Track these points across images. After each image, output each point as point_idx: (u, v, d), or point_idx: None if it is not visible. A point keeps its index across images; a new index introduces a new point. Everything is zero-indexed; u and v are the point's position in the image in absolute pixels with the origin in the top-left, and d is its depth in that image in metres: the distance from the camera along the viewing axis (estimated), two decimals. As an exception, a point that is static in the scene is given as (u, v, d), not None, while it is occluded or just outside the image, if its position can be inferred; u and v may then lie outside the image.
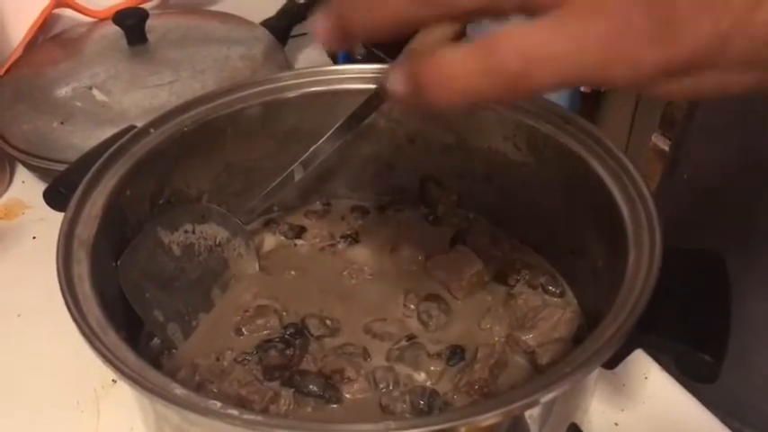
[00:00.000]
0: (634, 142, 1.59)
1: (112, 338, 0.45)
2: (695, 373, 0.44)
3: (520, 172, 0.64)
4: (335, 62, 1.17)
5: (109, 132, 0.62)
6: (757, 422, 0.72)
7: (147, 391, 0.42)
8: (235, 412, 0.40)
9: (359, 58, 1.87)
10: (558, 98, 1.43)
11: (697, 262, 0.50)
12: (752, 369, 0.71)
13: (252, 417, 0.40)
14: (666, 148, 1.23)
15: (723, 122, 0.73)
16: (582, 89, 1.40)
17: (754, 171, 0.69)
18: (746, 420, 0.70)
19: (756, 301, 0.69)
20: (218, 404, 0.40)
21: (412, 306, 0.62)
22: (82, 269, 0.50)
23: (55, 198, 0.57)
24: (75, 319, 0.45)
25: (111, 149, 0.58)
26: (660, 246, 0.48)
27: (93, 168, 0.56)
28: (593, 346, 0.43)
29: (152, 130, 0.61)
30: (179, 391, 0.41)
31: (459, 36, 0.48)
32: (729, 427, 0.59)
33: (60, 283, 0.48)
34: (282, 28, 0.97)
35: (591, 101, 1.50)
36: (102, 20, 0.95)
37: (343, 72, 0.67)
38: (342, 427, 0.40)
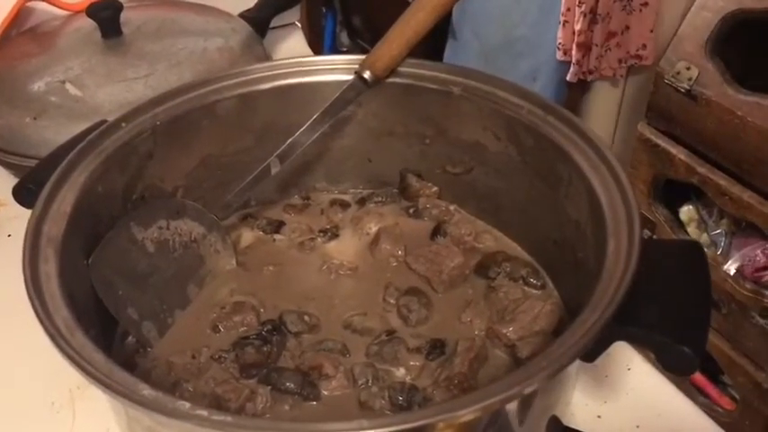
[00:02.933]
0: (621, 132, 1.58)
1: (80, 339, 0.44)
2: (675, 366, 0.43)
3: (500, 162, 0.64)
4: (320, 54, 1.16)
5: (83, 127, 0.61)
6: None
7: (115, 393, 0.40)
8: (204, 413, 0.39)
9: (344, 50, 1.86)
10: (544, 87, 1.42)
11: (676, 253, 0.49)
12: None
13: (221, 417, 0.39)
14: (653, 138, 1.23)
15: None
16: (568, 78, 1.39)
17: None
18: None
19: None
20: (187, 405, 0.39)
21: (392, 300, 0.61)
22: (50, 267, 0.49)
23: (24, 195, 0.56)
24: (40, 319, 0.44)
25: (81, 144, 0.57)
26: (639, 236, 0.47)
27: (62, 164, 0.55)
28: (571, 339, 0.42)
29: (124, 125, 0.59)
30: (147, 392, 0.40)
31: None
32: None
33: (26, 281, 0.47)
34: (261, 19, 0.96)
35: (577, 90, 1.49)
36: (76, 12, 0.93)
37: (319, 63, 0.66)
38: (313, 426, 0.39)
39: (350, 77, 0.64)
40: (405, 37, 0.63)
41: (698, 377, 1.23)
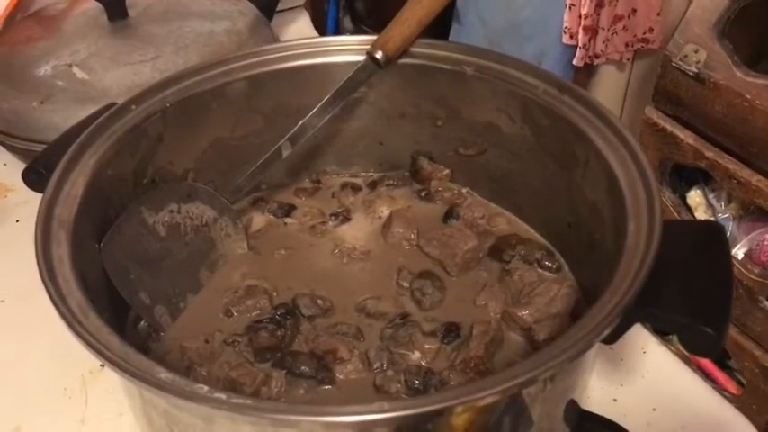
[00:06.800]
0: (627, 115, 1.57)
1: (95, 322, 0.44)
2: (697, 347, 0.43)
3: (514, 144, 0.63)
4: (323, 35, 1.15)
5: (91, 111, 0.60)
6: None
7: (132, 376, 0.40)
8: (222, 396, 0.38)
9: (347, 34, 1.85)
10: (550, 71, 1.40)
11: (697, 233, 0.49)
12: None
13: (240, 401, 0.38)
14: (661, 122, 1.22)
15: None
16: (574, 62, 1.38)
17: None
18: None
19: None
20: (205, 388, 0.39)
21: (405, 284, 0.61)
22: (62, 251, 0.48)
23: (34, 179, 0.56)
24: (54, 303, 0.44)
25: (91, 128, 0.56)
26: (660, 217, 0.46)
27: (72, 148, 0.54)
28: (593, 320, 0.42)
29: (133, 107, 0.59)
30: (164, 375, 0.40)
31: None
32: None
33: (39, 266, 0.46)
34: (268, 2, 0.95)
35: (583, 74, 1.48)
36: (82, -5, 0.92)
37: (329, 44, 0.65)
38: (333, 408, 0.39)
39: (361, 58, 0.63)
40: (417, 17, 0.62)
41: (704, 362, 1.23)
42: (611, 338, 0.44)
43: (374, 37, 0.63)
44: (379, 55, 0.62)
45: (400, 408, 0.38)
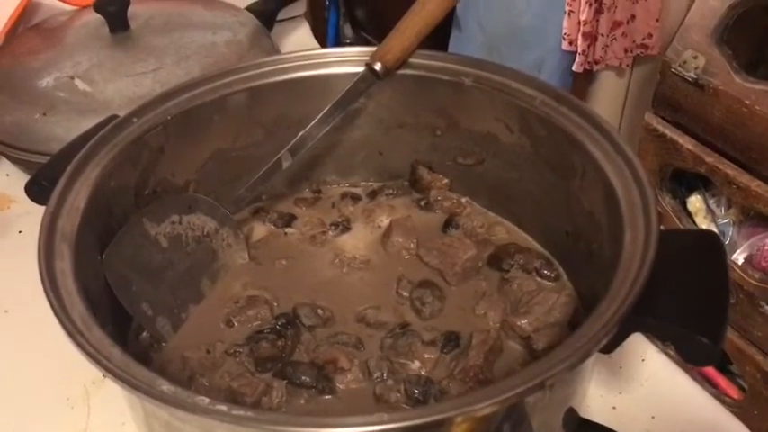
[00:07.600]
0: (626, 121, 1.57)
1: (97, 334, 0.44)
2: (693, 357, 0.43)
3: (512, 154, 0.63)
4: (323, 46, 1.16)
5: (93, 123, 0.61)
6: None
7: (133, 388, 0.40)
8: (223, 408, 0.39)
9: (347, 42, 1.85)
10: (550, 77, 1.41)
11: (693, 243, 0.49)
12: None
13: (241, 412, 0.39)
14: (660, 127, 1.22)
15: None
16: (573, 68, 1.39)
17: None
18: None
19: None
20: (207, 400, 0.39)
21: (405, 293, 0.61)
22: (65, 264, 0.49)
23: (37, 191, 0.56)
24: (57, 315, 0.44)
25: (93, 140, 0.57)
26: (656, 227, 0.47)
27: (75, 160, 0.55)
28: (591, 330, 0.42)
29: (135, 119, 0.59)
30: (166, 387, 0.40)
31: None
32: None
33: (42, 278, 0.47)
34: (268, 12, 0.96)
35: (582, 80, 1.48)
36: (83, 7, 0.93)
37: (329, 56, 0.65)
38: (333, 420, 0.39)
39: (360, 69, 0.63)
40: (416, 28, 0.62)
41: (706, 367, 1.23)
42: (609, 348, 0.44)
43: (373, 48, 0.63)
44: (378, 66, 0.62)
45: (400, 419, 0.39)
